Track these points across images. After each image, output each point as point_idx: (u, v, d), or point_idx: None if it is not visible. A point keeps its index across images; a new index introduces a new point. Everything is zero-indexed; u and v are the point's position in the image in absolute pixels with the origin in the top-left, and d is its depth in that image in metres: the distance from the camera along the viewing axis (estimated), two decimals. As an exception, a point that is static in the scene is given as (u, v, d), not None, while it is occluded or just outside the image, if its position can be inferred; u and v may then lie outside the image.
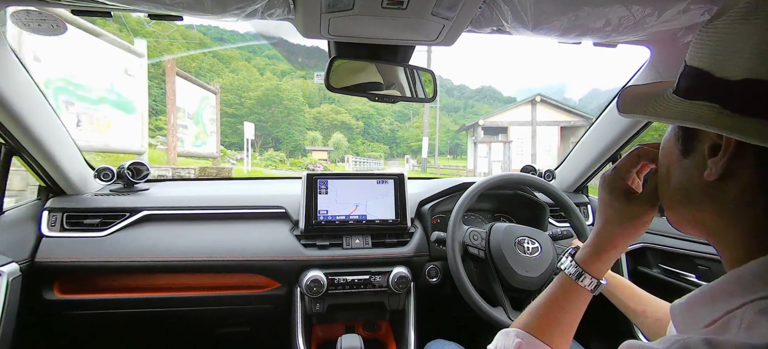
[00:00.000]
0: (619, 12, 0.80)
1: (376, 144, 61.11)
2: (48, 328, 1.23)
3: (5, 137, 1.06)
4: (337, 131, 50.19)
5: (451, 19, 0.77)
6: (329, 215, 1.32)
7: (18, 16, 0.83)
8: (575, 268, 0.58)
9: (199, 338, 1.44)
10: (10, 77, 0.95)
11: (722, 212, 0.38)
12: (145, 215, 1.25)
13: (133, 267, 1.17)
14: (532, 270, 1.08)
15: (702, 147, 0.38)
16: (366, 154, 50.00)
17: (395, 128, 66.69)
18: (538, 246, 1.13)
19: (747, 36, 0.33)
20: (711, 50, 0.36)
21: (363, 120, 61.24)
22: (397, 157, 68.05)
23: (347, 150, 46.81)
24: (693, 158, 0.40)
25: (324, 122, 52.96)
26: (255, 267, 1.24)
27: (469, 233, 1.15)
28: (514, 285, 1.07)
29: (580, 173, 1.59)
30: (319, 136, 45.89)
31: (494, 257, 1.11)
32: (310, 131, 46.90)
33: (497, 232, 1.14)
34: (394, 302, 1.31)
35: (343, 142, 45.74)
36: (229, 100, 40.57)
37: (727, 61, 0.34)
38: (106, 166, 1.33)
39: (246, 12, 0.77)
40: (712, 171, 0.36)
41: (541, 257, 1.11)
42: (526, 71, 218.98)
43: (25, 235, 1.15)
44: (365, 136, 60.99)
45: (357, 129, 57.78)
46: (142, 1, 0.73)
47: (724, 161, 0.35)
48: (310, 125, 50.25)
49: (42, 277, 1.14)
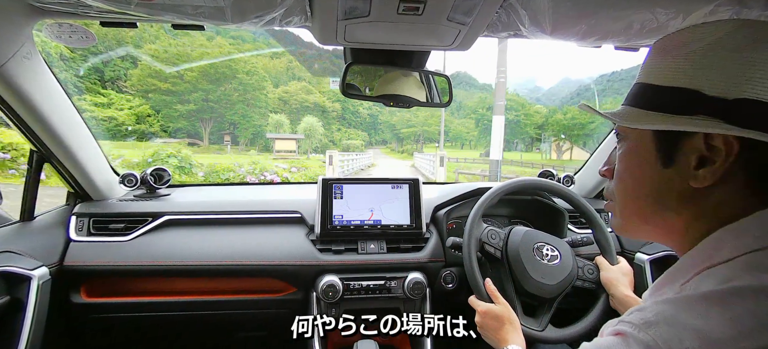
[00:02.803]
0: (641, 15, 0.78)
1: (353, 131, 53.98)
2: (75, 330, 1.27)
3: (37, 145, 1.11)
4: (309, 114, 40.28)
5: (468, 24, 0.77)
6: (344, 219, 1.32)
7: (51, 29, 0.87)
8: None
9: (219, 341, 1.46)
10: (43, 88, 0.99)
11: (700, 214, 0.43)
12: (167, 220, 1.29)
13: (155, 271, 1.21)
14: (549, 277, 1.06)
15: (687, 158, 0.42)
16: (346, 143, 42.50)
17: (375, 113, 59.48)
18: (558, 254, 1.10)
19: (735, 62, 0.39)
20: (695, 73, 0.41)
21: (340, 103, 52.02)
22: (378, 144, 61.44)
23: (322, 137, 38.38)
24: (676, 168, 0.43)
25: (292, 104, 43.55)
26: (272, 271, 1.25)
27: (488, 231, 1.14)
28: (528, 289, 1.05)
29: (601, 178, 1.55)
30: (286, 121, 37.05)
31: (511, 258, 1.09)
32: (275, 114, 37.51)
33: (517, 234, 1.13)
34: (410, 308, 1.30)
35: (316, 128, 36.32)
36: (162, 74, 30.92)
37: (720, 83, 0.39)
38: (130, 172, 1.38)
39: (264, 20, 0.79)
40: (707, 178, 0.41)
41: (560, 265, 1.09)
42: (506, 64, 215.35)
43: (55, 239, 1.20)
44: (342, 122, 53.79)
45: (333, 113, 49.57)
46: (166, 12, 0.76)
47: (724, 168, 0.40)
48: (274, 107, 40.69)
49: (70, 280, 1.19)
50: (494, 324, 0.95)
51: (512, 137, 55.25)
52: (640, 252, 1.37)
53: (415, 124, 56.39)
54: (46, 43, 0.79)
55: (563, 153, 43.33)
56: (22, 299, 1.02)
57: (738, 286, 0.36)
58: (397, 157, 45.68)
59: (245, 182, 4.51)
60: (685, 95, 0.41)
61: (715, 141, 0.40)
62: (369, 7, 0.71)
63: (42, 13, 0.82)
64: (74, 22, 0.86)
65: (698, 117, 0.40)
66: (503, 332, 0.93)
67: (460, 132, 60.12)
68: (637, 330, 0.38)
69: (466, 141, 60.70)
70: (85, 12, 0.79)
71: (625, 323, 0.40)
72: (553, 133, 45.10)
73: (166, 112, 30.23)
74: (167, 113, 30.28)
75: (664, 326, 0.36)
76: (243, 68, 35.50)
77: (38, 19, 0.85)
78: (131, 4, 0.72)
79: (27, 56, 0.90)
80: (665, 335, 0.36)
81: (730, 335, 0.33)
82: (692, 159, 0.42)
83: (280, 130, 35.64)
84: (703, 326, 0.35)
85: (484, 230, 1.14)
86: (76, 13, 0.80)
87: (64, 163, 1.18)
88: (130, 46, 31.26)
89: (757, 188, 0.40)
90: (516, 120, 52.65)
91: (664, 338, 0.35)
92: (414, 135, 58.93)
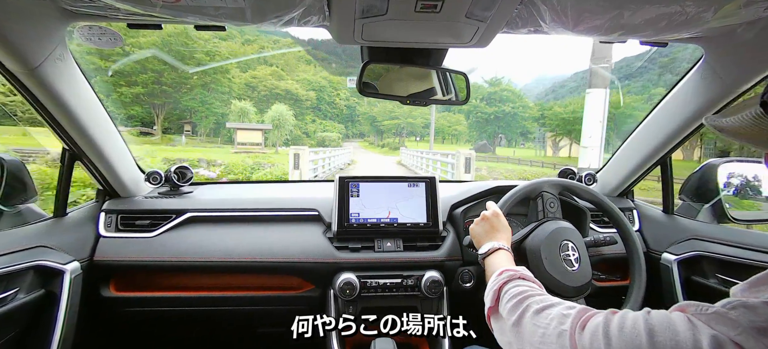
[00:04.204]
0: (669, 8, 0.75)
1: (329, 123, 49.74)
2: (105, 323, 1.32)
3: (69, 144, 1.16)
4: (279, 102, 34.97)
5: (486, 20, 0.76)
6: (361, 217, 1.33)
7: (82, 32, 0.91)
8: None
9: (240, 336, 1.49)
10: (75, 89, 1.04)
11: None
12: (190, 217, 1.32)
13: (178, 266, 1.24)
14: (565, 278, 1.02)
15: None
16: (321, 135, 37.83)
17: (353, 104, 55.74)
18: (579, 258, 1.06)
19: None
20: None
21: (315, 92, 48.02)
22: (355, 137, 56.91)
23: (295, 128, 33.40)
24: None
25: (260, 90, 38.51)
26: (290, 269, 1.27)
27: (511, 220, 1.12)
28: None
29: (624, 177, 1.50)
30: (252, 109, 31.76)
31: (530, 247, 1.06)
32: (239, 101, 32.06)
33: (546, 228, 1.08)
34: (427, 306, 1.30)
35: (286, 117, 31.49)
36: (104, 52, 21.40)
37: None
38: (155, 171, 1.42)
39: (283, 20, 0.80)
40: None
41: (579, 271, 1.04)
42: (473, 55, 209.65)
43: (86, 235, 1.25)
44: (316, 113, 49.21)
45: (307, 102, 44.87)
46: (189, 14, 0.78)
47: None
48: (239, 93, 35.46)
49: (100, 275, 1.24)
50: (490, 223, 0.99)
51: (507, 131, 53.09)
52: (667, 252, 1.32)
53: (397, 116, 53.17)
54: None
55: (560, 149, 40.54)
56: (56, 292, 1.07)
57: None
58: (378, 152, 41.64)
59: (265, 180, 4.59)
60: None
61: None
62: (387, 5, 0.71)
63: (74, 16, 0.86)
64: (104, 25, 0.89)
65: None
66: (493, 231, 0.97)
67: (442, 126, 56.69)
68: (702, 312, 0.38)
69: (448, 135, 57.54)
70: (114, 15, 0.82)
71: (699, 309, 0.39)
72: (550, 127, 42.11)
73: (115, 98, 25.00)
74: (115, 99, 25.23)
75: (735, 311, 0.35)
76: (202, 47, 29.52)
77: (70, 23, 0.89)
78: (156, 7, 0.74)
79: (60, 58, 0.95)
80: (725, 329, 0.35)
81: None
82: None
83: (245, 120, 30.01)
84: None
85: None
86: (106, 16, 0.84)
87: (94, 161, 1.23)
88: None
89: None
90: (513, 112, 50.70)
91: (725, 330, 0.35)
92: (396, 128, 55.83)
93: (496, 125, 51.63)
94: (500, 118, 51.03)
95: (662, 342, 0.41)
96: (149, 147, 16.15)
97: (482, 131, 52.76)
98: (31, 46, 0.86)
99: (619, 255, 1.15)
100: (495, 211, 1.01)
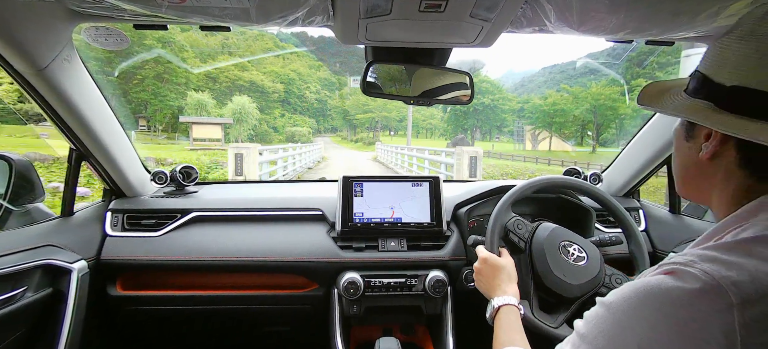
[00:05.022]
0: (676, 7, 0.74)
1: (299, 117, 46.88)
2: (111, 322, 1.34)
3: (76, 144, 1.17)
4: (242, 94, 32.06)
5: (491, 20, 0.76)
6: (365, 217, 1.33)
7: (88, 33, 0.92)
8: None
9: (245, 335, 1.51)
10: (82, 89, 1.05)
11: (713, 183, 0.51)
12: (195, 217, 1.33)
13: (184, 265, 1.25)
14: (571, 277, 1.02)
15: (700, 133, 0.51)
16: (290, 130, 34.21)
17: (324, 98, 53.37)
18: (585, 256, 1.07)
19: (739, 52, 0.46)
20: (711, 60, 0.49)
21: (283, 84, 44.26)
22: (327, 132, 53.47)
23: (261, 123, 30.04)
24: (693, 142, 0.53)
25: (222, 81, 34.37)
26: (295, 268, 1.28)
27: (514, 221, 1.11)
28: (548, 286, 1.02)
29: (630, 177, 1.49)
30: (210, 101, 28.59)
31: (534, 252, 1.06)
32: (196, 93, 28.78)
33: (545, 230, 1.10)
34: (431, 306, 1.30)
35: (249, 111, 28.84)
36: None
37: (721, 70, 0.47)
38: (161, 170, 1.44)
39: (287, 20, 0.80)
40: (705, 152, 0.50)
41: (586, 267, 1.05)
42: (478, 52, 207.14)
43: (92, 234, 1.26)
44: (285, 107, 45.97)
45: (274, 95, 41.17)
46: (194, 14, 0.79)
47: (712, 145, 0.49)
48: (198, 84, 32.12)
49: (106, 273, 1.25)
50: (492, 272, 0.95)
51: (485, 125, 51.12)
52: (674, 252, 1.31)
53: (372, 109, 50.65)
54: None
55: (539, 143, 39.25)
56: (64, 290, 1.08)
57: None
58: (351, 147, 39.04)
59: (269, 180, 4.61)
60: (700, 80, 0.51)
61: None
62: (391, 5, 0.71)
63: (81, 17, 0.86)
64: (110, 25, 0.90)
65: (698, 100, 0.50)
66: (498, 281, 0.93)
67: (415, 119, 55.01)
68: (685, 267, 0.41)
69: (422, 129, 55.55)
70: (120, 15, 0.83)
71: (671, 264, 0.43)
72: (530, 120, 40.91)
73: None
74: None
75: (710, 264, 0.40)
76: (154, 34, 25.38)
77: (77, 23, 0.90)
78: (162, 7, 0.74)
79: (67, 59, 0.95)
80: (712, 270, 0.39)
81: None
82: (702, 135, 0.51)
83: (203, 113, 26.98)
84: (747, 262, 0.39)
85: (511, 218, 1.12)
86: (112, 16, 0.84)
87: (101, 161, 1.24)
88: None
89: (743, 163, 0.48)
90: (492, 104, 48.99)
91: (713, 271, 0.39)
92: (370, 122, 53.41)
93: (476, 118, 50.01)
94: (479, 111, 49.47)
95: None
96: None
97: (460, 125, 51.02)
98: (38, 47, 0.87)
99: (626, 255, 1.14)
100: (483, 257, 0.98)
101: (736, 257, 0.40)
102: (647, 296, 0.42)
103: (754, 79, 0.44)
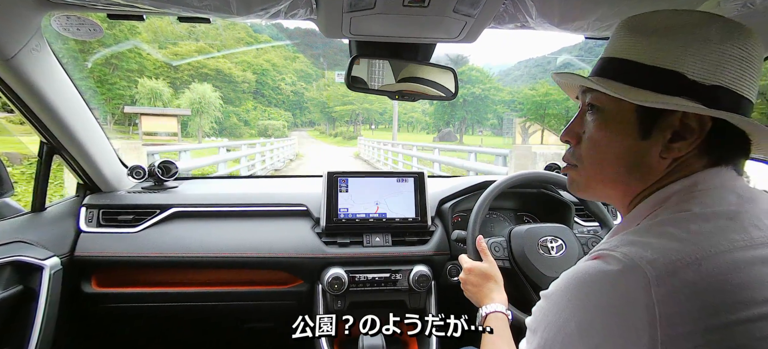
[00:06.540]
0: (655, 5, 0.76)
1: (274, 110, 43.84)
2: (86, 319, 1.30)
3: (47, 137, 1.12)
4: (204, 83, 28.20)
5: (474, 16, 0.76)
6: (350, 213, 1.32)
7: (59, 22, 0.88)
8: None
9: (227, 332, 1.49)
10: (52, 80, 1.01)
11: (650, 181, 0.51)
12: (175, 212, 1.30)
13: (163, 262, 1.22)
14: (560, 270, 1.05)
15: (662, 133, 0.48)
16: (264, 123, 31.28)
17: (299, 90, 50.14)
18: (563, 244, 1.10)
19: (713, 53, 0.45)
20: (678, 57, 0.47)
21: (255, 74, 40.03)
22: (304, 126, 50.62)
23: (231, 116, 27.36)
24: (652, 140, 0.49)
25: (184, 70, 31.09)
26: (278, 264, 1.26)
27: (491, 245, 1.11)
28: (544, 288, 1.04)
29: None
30: (166, 90, 24.74)
31: (520, 263, 1.08)
32: (150, 80, 25.10)
33: (518, 237, 1.11)
34: (415, 300, 1.31)
35: (210, 101, 25.01)
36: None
37: (700, 69, 0.46)
38: (138, 165, 1.39)
39: (270, 13, 0.79)
40: (682, 150, 0.48)
41: (566, 254, 1.08)
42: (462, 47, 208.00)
43: (65, 230, 1.22)
44: (259, 98, 42.48)
45: (244, 85, 37.27)
46: (173, 5, 0.76)
47: (695, 145, 0.47)
48: (155, 71, 27.98)
49: (81, 270, 1.21)
50: (478, 281, 0.95)
51: (474, 116, 48.15)
52: None
53: (352, 101, 46.87)
54: None
55: (530, 136, 36.44)
56: (35, 288, 1.04)
57: (688, 212, 0.45)
58: (330, 142, 36.44)
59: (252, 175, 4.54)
60: (667, 76, 0.47)
61: (690, 120, 0.46)
62: (374, -1, 0.71)
63: (50, 5, 0.82)
64: (82, 15, 0.86)
65: (679, 97, 0.46)
66: (486, 289, 0.93)
67: (398, 113, 54.67)
68: (609, 251, 0.44)
69: (403, 123, 52.60)
70: (93, 4, 0.79)
71: (598, 251, 0.47)
72: (520, 112, 38.73)
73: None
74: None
75: (628, 247, 0.43)
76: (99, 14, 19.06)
77: (47, 12, 0.86)
78: (138, -3, 0.72)
79: (36, 48, 0.91)
80: (631, 252, 0.42)
81: (683, 246, 0.41)
82: (667, 134, 0.48)
83: (157, 104, 23.26)
84: (658, 242, 0.43)
85: (488, 242, 1.12)
86: (84, 5, 0.81)
87: (74, 154, 1.20)
88: None
89: (712, 159, 0.48)
90: (483, 94, 46.54)
91: (631, 253, 0.42)
92: (350, 115, 49.73)
93: (465, 110, 46.71)
94: (469, 103, 46.23)
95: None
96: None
97: (449, 117, 47.85)
98: (4, 35, 0.82)
99: None
100: (468, 267, 0.99)
101: (651, 238, 0.44)
102: (579, 282, 0.46)
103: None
